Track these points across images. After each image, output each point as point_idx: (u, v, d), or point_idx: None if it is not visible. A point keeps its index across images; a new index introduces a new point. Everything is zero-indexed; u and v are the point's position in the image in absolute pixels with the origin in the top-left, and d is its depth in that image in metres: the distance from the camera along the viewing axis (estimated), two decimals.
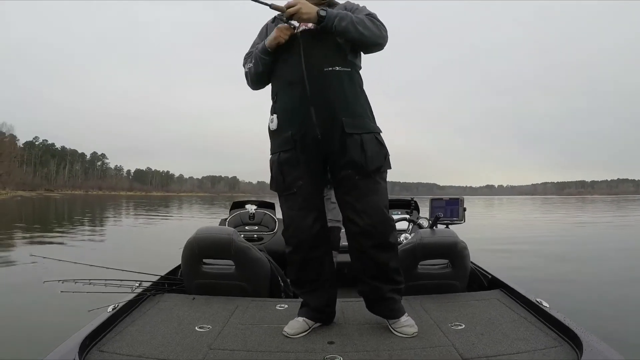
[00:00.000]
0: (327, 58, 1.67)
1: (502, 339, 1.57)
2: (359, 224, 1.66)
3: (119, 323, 1.75)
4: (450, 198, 3.12)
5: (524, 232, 12.75)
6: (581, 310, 3.59)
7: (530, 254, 7.80)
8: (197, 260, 2.23)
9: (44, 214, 21.43)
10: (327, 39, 1.67)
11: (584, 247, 9.06)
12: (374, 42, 1.71)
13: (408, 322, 1.69)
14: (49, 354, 1.39)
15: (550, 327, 1.65)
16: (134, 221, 17.52)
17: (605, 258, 7.25)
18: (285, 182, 1.73)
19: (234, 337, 1.65)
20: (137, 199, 64.50)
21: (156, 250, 7.07)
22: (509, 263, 6.43)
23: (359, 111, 1.70)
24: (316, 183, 1.75)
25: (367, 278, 1.73)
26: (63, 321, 2.90)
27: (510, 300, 2.02)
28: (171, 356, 1.47)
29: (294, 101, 1.68)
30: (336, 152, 1.67)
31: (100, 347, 1.52)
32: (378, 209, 1.67)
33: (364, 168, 1.66)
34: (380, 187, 1.70)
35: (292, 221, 1.74)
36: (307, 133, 1.66)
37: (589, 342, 1.42)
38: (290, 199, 1.75)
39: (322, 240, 1.77)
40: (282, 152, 1.72)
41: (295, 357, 1.50)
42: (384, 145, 1.74)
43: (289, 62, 1.69)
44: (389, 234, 1.70)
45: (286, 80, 1.71)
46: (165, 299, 2.11)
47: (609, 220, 18.52)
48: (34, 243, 9.04)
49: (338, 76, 1.67)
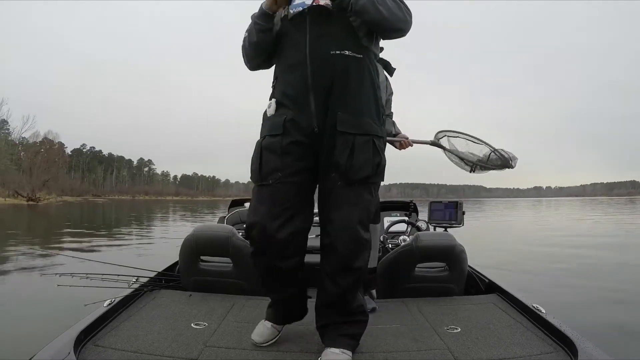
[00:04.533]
0: (336, 39, 1.44)
1: (497, 344, 1.58)
2: (329, 236, 1.46)
3: (114, 318, 1.75)
4: (449, 201, 3.11)
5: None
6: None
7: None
8: (194, 257, 2.23)
9: (78, 217, 21.74)
10: (339, 17, 1.44)
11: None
12: (395, 27, 1.49)
13: (337, 355, 1.42)
14: (44, 347, 1.39)
15: (546, 333, 1.65)
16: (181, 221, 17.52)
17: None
18: (262, 171, 1.47)
19: (229, 334, 1.64)
20: (183, 203, 65.69)
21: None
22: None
23: (361, 107, 1.47)
24: (297, 181, 1.47)
25: (323, 307, 1.52)
26: (59, 315, 2.89)
27: (506, 305, 2.02)
28: (166, 352, 1.48)
29: (293, 86, 1.46)
30: (325, 151, 1.46)
31: (95, 342, 1.52)
32: (350, 225, 1.43)
33: (348, 175, 1.43)
34: (362, 200, 1.46)
35: (257, 218, 1.45)
36: (302, 123, 1.44)
37: (585, 348, 1.42)
38: (262, 191, 1.47)
39: (293, 249, 1.49)
40: (268, 136, 1.48)
41: (290, 356, 1.50)
42: (381, 152, 1.50)
43: (293, 41, 1.47)
44: (356, 256, 1.45)
45: (288, 62, 1.49)
46: (162, 295, 2.10)
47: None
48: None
49: (345, 62, 1.44)
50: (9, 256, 6.83)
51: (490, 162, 2.54)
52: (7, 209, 27.07)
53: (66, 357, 1.33)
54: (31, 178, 48.44)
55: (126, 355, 1.46)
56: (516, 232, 13.58)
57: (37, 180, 48.33)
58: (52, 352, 1.35)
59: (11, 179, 43.32)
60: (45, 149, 67.26)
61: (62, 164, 76.33)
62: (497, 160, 2.53)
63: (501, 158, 2.52)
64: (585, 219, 20.14)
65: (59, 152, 74.85)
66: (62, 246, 8.36)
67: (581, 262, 6.69)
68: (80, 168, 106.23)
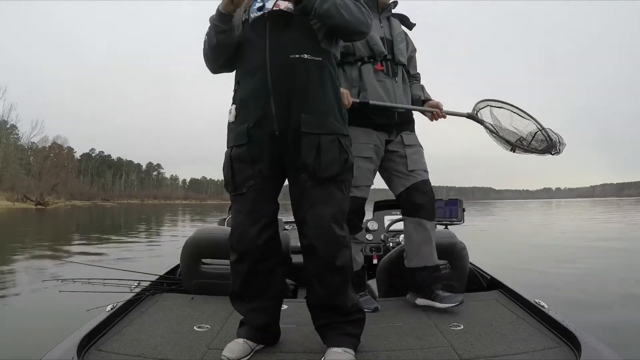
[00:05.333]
0: (296, 43, 1.46)
1: (500, 340, 1.57)
2: (306, 237, 1.48)
3: (117, 323, 1.74)
4: (450, 199, 3.09)
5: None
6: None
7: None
8: (196, 260, 2.23)
9: (85, 221, 21.89)
10: (299, 21, 1.47)
11: None
12: (358, 30, 1.54)
13: (340, 355, 1.42)
14: (47, 353, 1.39)
15: (548, 328, 1.64)
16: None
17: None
18: (235, 181, 1.52)
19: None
20: (193, 207, 65.54)
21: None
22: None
23: (323, 108, 1.49)
24: (269, 186, 1.53)
25: (317, 309, 1.53)
26: (61, 321, 2.83)
27: (508, 301, 2.01)
28: (170, 356, 1.47)
29: (253, 90, 1.48)
30: (291, 153, 1.47)
31: (98, 347, 1.52)
32: (324, 223, 1.45)
33: (317, 174, 1.45)
34: (334, 198, 1.48)
35: (238, 226, 1.53)
36: (263, 127, 1.46)
37: (588, 343, 1.41)
38: (239, 201, 1.53)
39: (272, 251, 1.55)
40: (236, 147, 1.51)
41: (293, 357, 1.50)
42: (347, 150, 1.52)
43: (253, 45, 1.49)
44: (336, 254, 1.45)
45: (248, 66, 1.50)
46: (164, 299, 2.10)
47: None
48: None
49: (305, 65, 1.46)
50: (9, 262, 6.78)
51: (534, 142, 2.18)
52: (14, 213, 27.54)
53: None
54: (40, 182, 48.66)
55: (129, 359, 1.46)
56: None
57: (45, 184, 48.57)
58: (55, 358, 1.36)
59: (20, 184, 43.56)
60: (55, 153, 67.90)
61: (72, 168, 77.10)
62: (542, 141, 2.18)
63: (547, 140, 2.16)
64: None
65: (68, 157, 75.72)
66: (62, 250, 8.37)
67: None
68: (90, 172, 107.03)
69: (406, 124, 2.13)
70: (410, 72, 2.22)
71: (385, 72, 2.04)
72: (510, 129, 2.21)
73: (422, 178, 2.06)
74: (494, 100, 2.24)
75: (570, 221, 18.98)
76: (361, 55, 2.03)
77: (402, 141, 2.08)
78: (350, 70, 2.05)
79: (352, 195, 1.81)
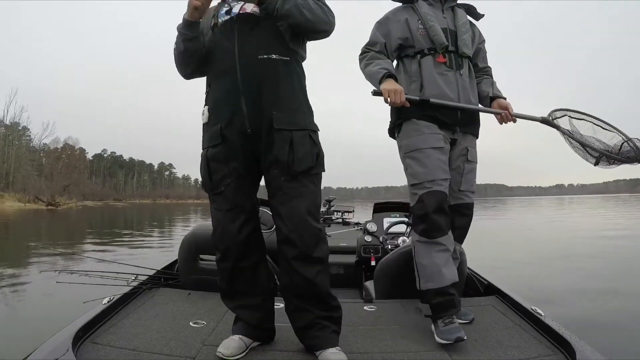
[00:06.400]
0: (264, 44, 1.51)
1: (495, 346, 1.57)
2: (282, 230, 1.50)
3: (113, 316, 1.75)
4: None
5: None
6: None
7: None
8: (193, 256, 2.23)
9: (96, 221, 21.90)
10: (266, 23, 1.52)
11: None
12: (319, 29, 1.57)
13: (337, 355, 1.45)
14: (41, 345, 1.39)
15: (544, 336, 1.63)
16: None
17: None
18: (213, 180, 1.56)
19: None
20: (204, 206, 66.77)
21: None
22: None
23: (293, 106, 1.54)
24: (246, 183, 1.57)
25: (292, 296, 1.54)
26: (57, 312, 2.88)
27: (505, 307, 2.00)
28: (165, 351, 1.48)
29: (224, 91, 1.52)
30: (264, 150, 1.51)
31: (93, 339, 1.52)
32: (301, 216, 1.48)
33: (291, 168, 1.49)
34: (307, 191, 1.51)
35: (219, 224, 1.56)
36: (236, 127, 1.50)
37: (583, 351, 1.41)
38: (217, 200, 1.57)
39: (254, 246, 1.59)
40: (210, 148, 1.56)
41: (288, 356, 1.50)
42: (318, 144, 1.57)
43: (223, 48, 1.53)
44: (314, 246, 1.49)
45: (218, 69, 1.55)
46: (161, 294, 2.11)
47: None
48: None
49: (274, 65, 1.51)
50: (8, 255, 6.94)
51: (621, 154, 2.05)
52: (25, 213, 27.57)
53: (64, 354, 1.33)
54: (52, 183, 49.02)
55: (124, 353, 1.46)
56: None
57: (57, 185, 48.89)
58: (50, 350, 1.35)
59: (32, 185, 43.90)
60: (67, 154, 68.47)
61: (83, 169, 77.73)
62: (629, 151, 2.04)
63: (635, 149, 2.02)
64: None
65: (80, 158, 76.34)
66: (60, 244, 8.48)
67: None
68: (102, 173, 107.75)
69: (471, 125, 1.98)
70: (478, 65, 2.07)
71: (447, 65, 1.90)
72: (592, 139, 2.06)
73: (469, 201, 1.99)
74: (572, 111, 2.10)
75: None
76: (421, 47, 1.91)
77: (467, 155, 1.95)
78: (409, 63, 1.95)
79: (430, 191, 1.76)
